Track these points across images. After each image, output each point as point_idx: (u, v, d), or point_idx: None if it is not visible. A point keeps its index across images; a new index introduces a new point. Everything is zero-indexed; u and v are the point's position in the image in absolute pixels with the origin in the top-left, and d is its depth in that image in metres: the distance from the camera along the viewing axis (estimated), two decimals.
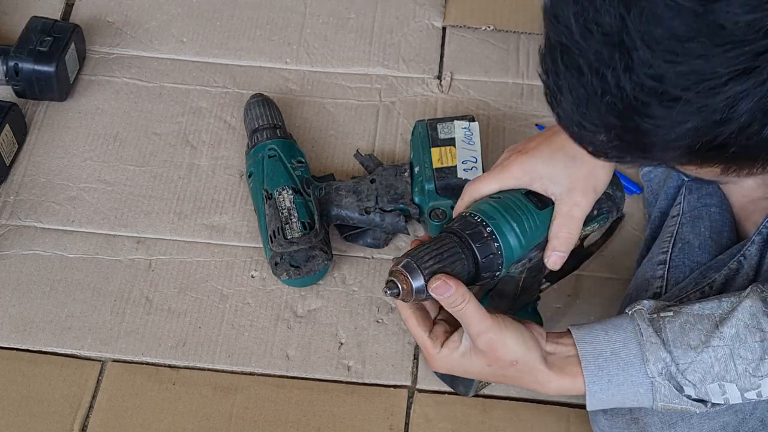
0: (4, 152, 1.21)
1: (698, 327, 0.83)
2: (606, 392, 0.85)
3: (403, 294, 0.82)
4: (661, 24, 0.56)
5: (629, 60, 0.58)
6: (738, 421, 0.90)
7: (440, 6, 1.39)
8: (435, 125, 1.16)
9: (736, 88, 0.56)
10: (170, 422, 1.05)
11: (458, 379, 1.02)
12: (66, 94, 1.29)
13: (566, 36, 0.61)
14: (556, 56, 0.63)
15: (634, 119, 0.60)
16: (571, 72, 0.62)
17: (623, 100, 0.60)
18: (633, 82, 0.59)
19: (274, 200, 1.12)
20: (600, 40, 0.59)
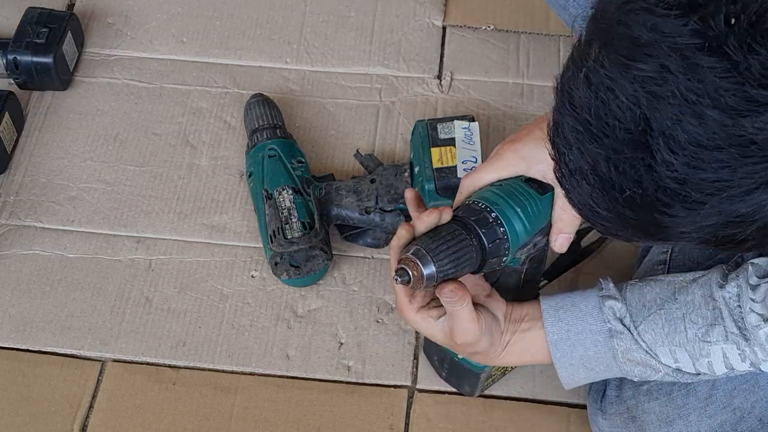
0: (5, 140, 1.21)
1: (656, 291, 0.85)
2: (566, 342, 0.86)
3: (414, 281, 0.82)
4: (686, 130, 0.54)
5: (652, 160, 0.56)
6: (736, 419, 0.90)
7: (441, 5, 1.39)
8: (435, 125, 1.16)
9: (762, 197, 0.55)
10: (170, 422, 1.05)
11: (464, 379, 1.02)
12: (67, 83, 1.30)
13: (582, 125, 0.59)
14: (569, 140, 0.61)
15: (653, 215, 0.59)
16: (586, 160, 0.60)
17: (642, 197, 0.58)
18: (655, 182, 0.57)
19: (274, 200, 1.11)
20: (620, 137, 0.57)
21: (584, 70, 0.58)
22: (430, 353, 1.05)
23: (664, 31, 0.54)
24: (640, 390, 0.93)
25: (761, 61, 0.51)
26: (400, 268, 0.82)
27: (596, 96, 0.57)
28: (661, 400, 0.91)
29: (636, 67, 0.55)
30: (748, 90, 0.52)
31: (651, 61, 0.54)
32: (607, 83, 0.56)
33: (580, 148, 0.60)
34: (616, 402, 0.95)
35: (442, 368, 1.04)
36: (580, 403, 1.05)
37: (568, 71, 0.60)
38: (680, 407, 0.90)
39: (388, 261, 1.16)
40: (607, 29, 0.57)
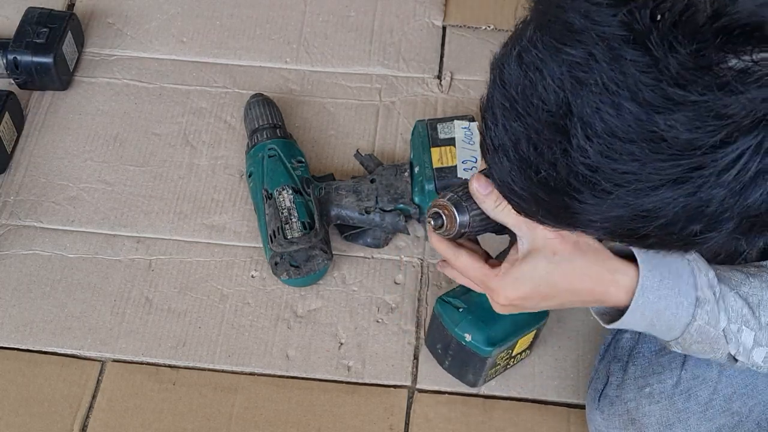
0: (6, 140, 1.21)
1: (737, 275, 0.81)
2: (655, 292, 0.78)
3: (446, 227, 0.82)
4: (604, 119, 0.55)
5: (568, 145, 0.57)
6: (734, 423, 0.90)
7: (440, 5, 1.39)
8: (435, 125, 1.16)
9: (667, 194, 0.56)
10: (170, 422, 1.05)
11: (469, 366, 1.02)
12: (67, 83, 1.31)
13: (509, 101, 0.60)
14: (497, 116, 0.62)
15: (564, 199, 0.60)
16: (509, 137, 0.61)
17: (556, 180, 0.59)
18: (568, 166, 0.58)
19: (274, 200, 1.12)
20: (542, 117, 0.58)
21: (518, 48, 0.59)
22: (434, 341, 1.05)
23: (595, 19, 0.55)
24: (642, 392, 0.93)
25: (680, 61, 0.52)
26: (434, 213, 0.83)
27: (525, 75, 0.58)
28: (662, 403, 0.92)
29: (565, 52, 0.56)
30: (665, 87, 0.53)
31: (580, 47, 0.55)
32: (537, 64, 0.58)
33: (505, 125, 0.61)
34: (616, 402, 0.95)
35: (445, 356, 1.04)
36: (580, 403, 1.05)
37: (504, 48, 0.62)
38: (680, 411, 0.90)
39: (388, 261, 1.16)
40: (544, 11, 0.58)
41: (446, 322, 0.99)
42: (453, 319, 0.98)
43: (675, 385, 0.91)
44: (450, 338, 1.00)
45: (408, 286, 1.14)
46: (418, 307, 1.13)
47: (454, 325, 0.98)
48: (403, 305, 1.13)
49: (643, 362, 0.95)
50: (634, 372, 0.95)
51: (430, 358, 1.08)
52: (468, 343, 0.98)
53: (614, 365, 0.97)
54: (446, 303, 0.99)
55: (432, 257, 1.16)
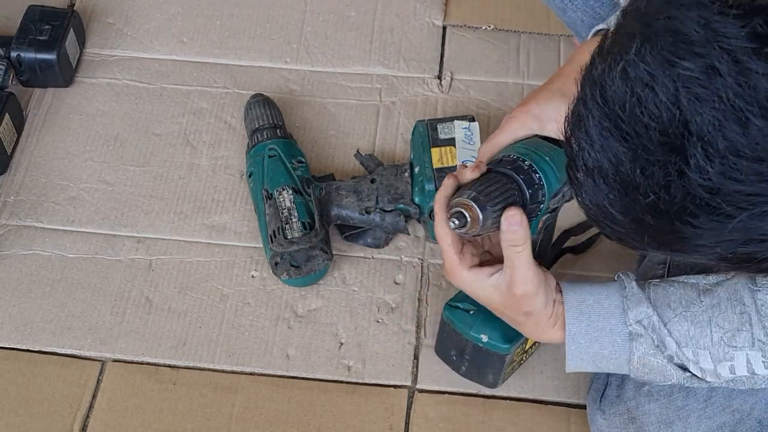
0: (6, 141, 1.21)
1: (681, 292, 0.83)
2: (585, 337, 0.84)
3: (469, 225, 0.81)
4: (727, 137, 0.51)
5: (685, 165, 0.53)
6: (735, 421, 0.90)
7: (441, 5, 1.39)
8: (435, 125, 1.16)
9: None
10: (170, 422, 1.05)
11: (488, 368, 1.01)
12: (70, 80, 1.31)
13: (612, 120, 0.56)
14: (593, 136, 0.57)
15: (675, 224, 0.56)
16: (609, 158, 0.57)
17: (667, 203, 0.55)
18: (685, 189, 0.54)
19: (274, 200, 1.12)
20: (653, 137, 0.54)
21: (622, 63, 0.55)
22: (447, 349, 1.04)
23: (718, 30, 0.51)
24: (641, 391, 0.93)
25: None
26: (456, 212, 0.82)
27: (632, 92, 0.54)
28: (661, 401, 0.91)
29: (681, 65, 0.52)
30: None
31: (699, 61, 0.51)
32: (647, 79, 0.53)
33: (603, 145, 0.57)
34: (617, 402, 0.95)
35: (461, 362, 1.03)
36: (580, 403, 1.05)
37: (601, 64, 0.57)
38: (680, 409, 0.90)
39: (388, 261, 1.16)
40: (651, 23, 0.54)
41: (459, 327, 0.98)
42: (466, 323, 0.97)
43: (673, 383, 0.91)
44: (465, 342, 0.99)
45: (408, 286, 1.14)
46: (418, 307, 1.13)
47: (468, 329, 0.97)
48: (403, 305, 1.13)
49: None
50: None
51: (430, 358, 1.08)
52: (486, 343, 0.97)
53: None
54: (455, 308, 0.98)
55: (432, 257, 1.16)
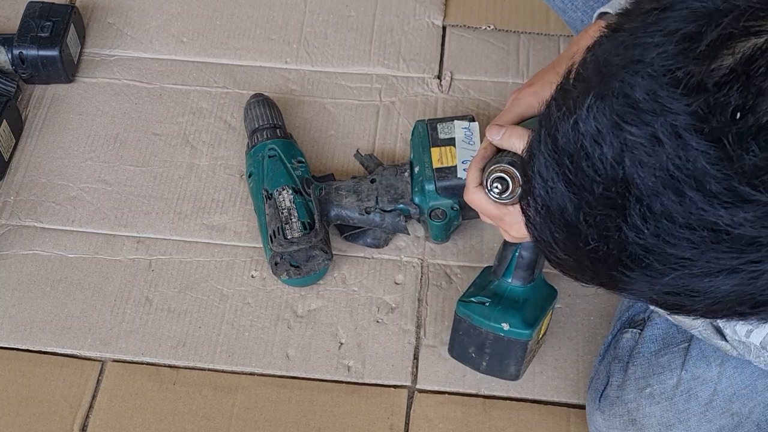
0: (3, 148, 1.21)
1: None
2: None
3: (510, 191, 0.82)
4: (664, 204, 0.53)
5: (623, 222, 0.55)
6: (734, 424, 0.90)
7: (440, 5, 1.39)
8: (435, 125, 1.16)
9: (720, 281, 0.55)
10: (170, 422, 1.05)
11: (509, 358, 1.00)
12: (72, 76, 1.31)
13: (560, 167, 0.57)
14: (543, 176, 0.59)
15: (611, 272, 0.58)
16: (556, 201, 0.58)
17: (606, 253, 0.57)
18: (621, 243, 0.56)
19: (274, 200, 1.12)
20: (596, 191, 0.55)
21: (575, 116, 0.56)
22: (464, 347, 1.03)
23: (664, 104, 0.52)
24: (642, 393, 0.93)
25: (756, 162, 0.50)
26: (498, 177, 0.82)
27: (581, 145, 0.56)
28: (662, 404, 0.92)
29: (628, 130, 0.53)
30: (735, 184, 0.51)
31: (645, 128, 0.53)
32: (596, 136, 0.55)
33: (552, 189, 0.58)
34: (617, 403, 0.95)
35: (481, 358, 1.02)
36: (580, 404, 1.05)
37: (558, 110, 0.58)
38: (681, 412, 0.90)
39: (388, 261, 1.16)
40: (607, 81, 0.55)
41: (477, 321, 0.98)
42: (484, 315, 0.97)
43: (675, 386, 0.91)
44: (485, 336, 0.99)
45: (408, 286, 1.14)
46: (418, 307, 1.13)
47: (487, 320, 0.97)
48: (403, 305, 1.13)
49: (643, 363, 0.95)
50: (635, 372, 0.95)
51: (430, 357, 1.08)
52: (507, 332, 0.97)
53: (615, 365, 0.97)
54: (469, 303, 0.98)
55: (432, 258, 1.16)
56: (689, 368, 0.91)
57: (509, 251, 0.98)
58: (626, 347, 0.97)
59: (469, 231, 1.18)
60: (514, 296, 0.98)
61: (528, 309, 0.97)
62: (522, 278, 0.98)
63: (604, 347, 1.01)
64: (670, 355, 0.93)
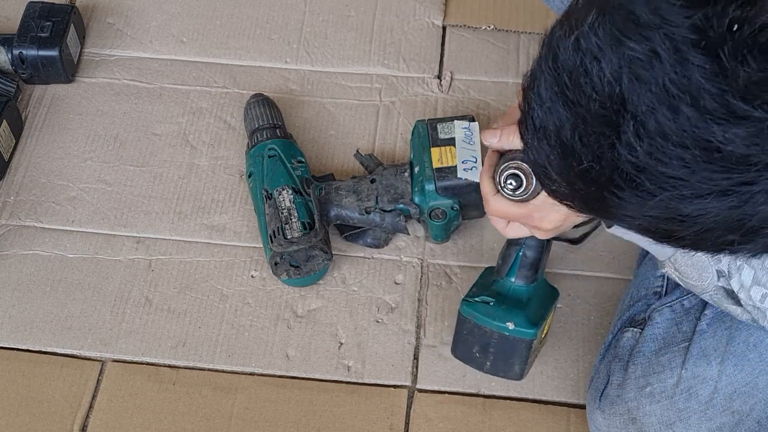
0: (3, 148, 1.21)
1: None
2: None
3: (525, 187, 0.82)
4: (658, 121, 0.54)
5: (617, 140, 0.55)
6: (735, 421, 0.90)
7: (440, 5, 1.39)
8: (435, 125, 1.16)
9: (711, 203, 0.55)
10: (170, 422, 1.05)
11: (514, 357, 1.00)
12: (72, 76, 1.31)
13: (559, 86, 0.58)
14: (543, 97, 0.60)
15: (602, 193, 0.59)
16: (553, 121, 0.59)
17: (597, 173, 0.58)
18: (613, 162, 0.56)
19: (274, 200, 1.12)
20: (593, 108, 0.56)
21: (576, 33, 0.57)
22: (468, 347, 1.02)
23: (664, 17, 0.53)
24: (643, 392, 0.93)
25: (750, 75, 0.50)
26: (512, 174, 0.82)
27: (581, 62, 0.56)
28: (663, 403, 0.91)
29: (628, 45, 0.54)
30: (729, 99, 0.51)
31: (644, 43, 0.53)
32: (596, 53, 0.55)
33: (550, 108, 0.59)
34: (617, 402, 0.95)
35: (485, 357, 1.02)
36: (580, 403, 1.05)
37: (560, 29, 0.59)
38: (681, 410, 0.90)
39: (388, 261, 1.16)
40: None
41: (482, 320, 0.98)
42: (489, 314, 0.97)
43: (676, 385, 0.91)
44: (490, 335, 0.99)
45: (408, 286, 1.14)
46: (418, 307, 1.13)
47: (492, 319, 0.97)
48: (403, 305, 1.13)
49: (643, 362, 0.95)
50: (635, 371, 0.95)
51: (430, 357, 1.08)
52: (512, 331, 0.97)
53: (615, 365, 0.97)
54: (473, 303, 0.98)
55: (432, 258, 1.16)
56: (689, 367, 0.91)
57: (513, 250, 0.98)
58: (627, 346, 0.97)
59: (469, 231, 1.18)
60: (517, 295, 0.98)
61: (532, 308, 0.97)
62: (525, 277, 0.98)
63: (605, 346, 1.01)
64: (671, 354, 0.93)
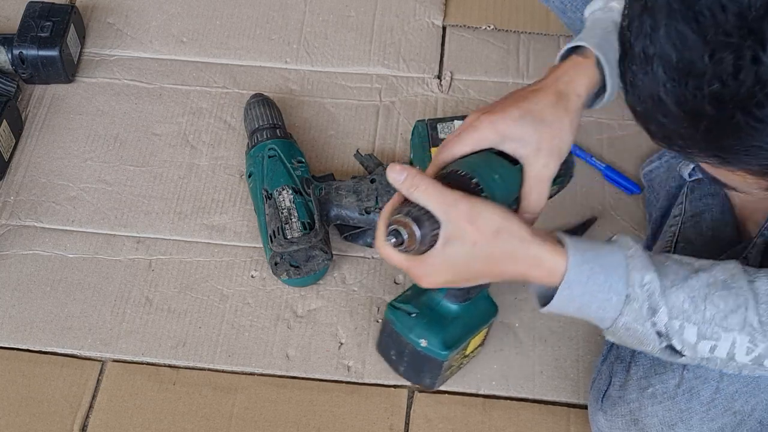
0: (3, 148, 1.21)
1: (677, 266, 0.81)
2: (582, 287, 0.80)
3: (407, 243, 0.81)
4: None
5: (760, 51, 0.51)
6: (736, 422, 0.90)
7: (441, 5, 1.39)
8: (435, 125, 1.16)
9: None
10: (170, 422, 1.05)
11: (425, 371, 1.00)
12: (72, 76, 1.31)
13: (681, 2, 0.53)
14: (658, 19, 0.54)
15: (737, 115, 0.54)
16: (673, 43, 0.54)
17: (734, 91, 0.53)
18: (756, 75, 0.52)
19: (274, 200, 1.12)
20: (730, 19, 0.51)
21: None
22: (387, 347, 1.02)
23: None
24: (644, 393, 0.93)
25: None
26: (393, 230, 0.81)
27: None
28: (665, 404, 0.91)
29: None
30: None
31: None
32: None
33: (670, 29, 0.54)
34: (619, 403, 0.95)
35: (400, 362, 1.01)
36: (580, 403, 1.05)
37: None
38: (683, 411, 0.90)
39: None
40: None
41: (400, 329, 0.97)
42: (407, 325, 0.96)
43: (678, 385, 0.91)
44: (405, 344, 0.98)
45: (408, 286, 1.14)
46: None
47: (408, 331, 0.96)
48: None
49: (645, 362, 0.95)
50: (637, 372, 0.95)
51: None
52: (424, 348, 0.96)
53: (617, 366, 0.97)
54: (397, 309, 0.97)
55: None
56: (691, 367, 0.91)
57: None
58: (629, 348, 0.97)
59: None
60: (443, 312, 0.95)
61: (453, 329, 0.95)
62: (455, 296, 0.95)
63: (607, 347, 1.01)
64: None
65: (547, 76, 0.91)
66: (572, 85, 0.89)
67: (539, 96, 0.88)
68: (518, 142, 0.86)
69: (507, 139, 0.87)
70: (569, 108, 0.87)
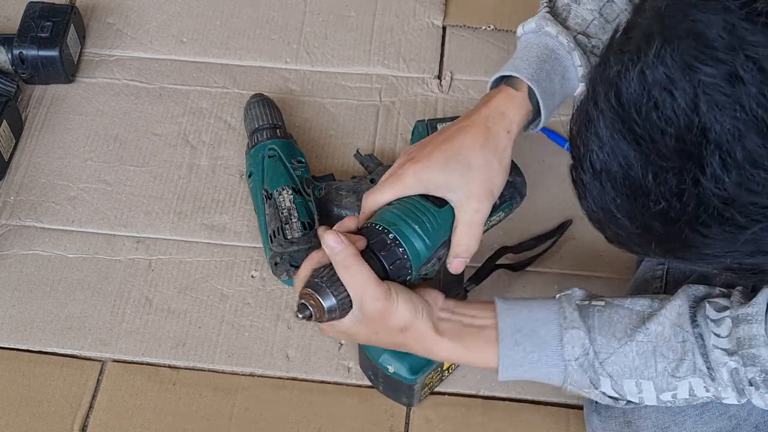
0: (3, 148, 1.21)
1: (625, 320, 0.81)
2: (518, 368, 0.83)
3: (316, 315, 0.82)
4: (746, 147, 0.50)
5: (701, 175, 0.51)
6: (732, 426, 0.89)
7: (440, 5, 1.39)
8: (435, 125, 1.16)
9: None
10: (170, 422, 1.05)
11: (400, 392, 1.02)
12: (72, 76, 1.31)
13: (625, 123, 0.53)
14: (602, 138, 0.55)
15: (684, 232, 0.54)
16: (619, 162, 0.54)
17: (679, 211, 0.53)
18: (698, 198, 0.52)
19: (274, 200, 1.12)
20: (669, 143, 0.52)
21: (640, 64, 0.53)
22: (366, 368, 1.05)
23: (744, 38, 0.49)
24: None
25: None
26: (300, 304, 0.82)
27: (649, 95, 0.52)
28: (658, 407, 0.91)
29: (703, 71, 0.50)
30: None
31: (721, 67, 0.50)
32: (665, 83, 0.51)
33: (614, 148, 0.55)
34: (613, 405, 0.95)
35: (377, 382, 1.04)
36: (579, 404, 1.05)
37: (616, 64, 0.55)
38: (676, 414, 0.90)
39: None
40: (673, 24, 0.52)
41: (370, 353, 0.99)
42: (375, 351, 0.98)
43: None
44: (376, 368, 1.00)
45: None
46: None
47: (377, 357, 0.98)
48: None
49: None
50: None
51: None
52: (392, 373, 0.98)
53: None
54: None
55: None
56: None
57: None
58: None
59: None
60: None
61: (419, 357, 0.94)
62: None
63: None
64: None
65: (478, 109, 0.89)
66: (503, 121, 0.87)
67: (467, 136, 0.87)
68: (445, 188, 0.86)
69: (432, 188, 0.86)
70: (498, 147, 0.86)
